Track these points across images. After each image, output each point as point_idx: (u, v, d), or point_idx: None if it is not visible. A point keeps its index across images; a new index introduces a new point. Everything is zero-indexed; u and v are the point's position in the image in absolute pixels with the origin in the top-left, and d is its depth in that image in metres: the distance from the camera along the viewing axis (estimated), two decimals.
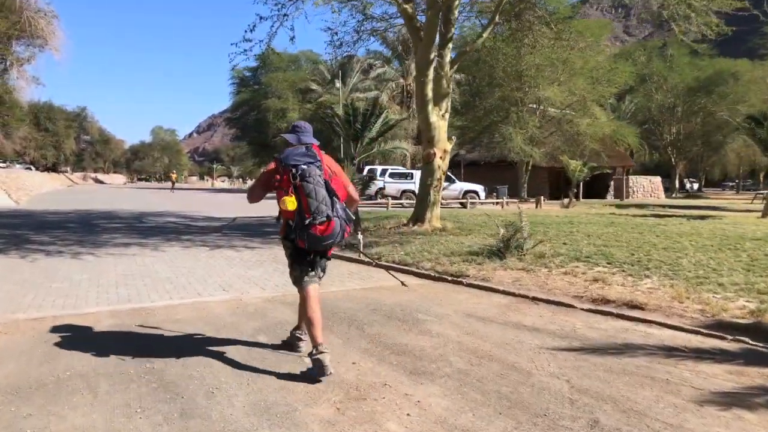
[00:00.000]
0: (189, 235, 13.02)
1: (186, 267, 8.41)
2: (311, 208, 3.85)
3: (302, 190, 3.86)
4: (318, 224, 3.87)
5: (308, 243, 3.94)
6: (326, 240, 3.96)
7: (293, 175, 3.87)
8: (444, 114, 12.70)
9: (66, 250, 10.23)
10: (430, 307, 5.84)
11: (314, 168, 3.93)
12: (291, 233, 3.99)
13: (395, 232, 12.18)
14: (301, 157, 3.96)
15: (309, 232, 3.88)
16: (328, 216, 3.89)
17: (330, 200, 3.94)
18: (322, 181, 3.93)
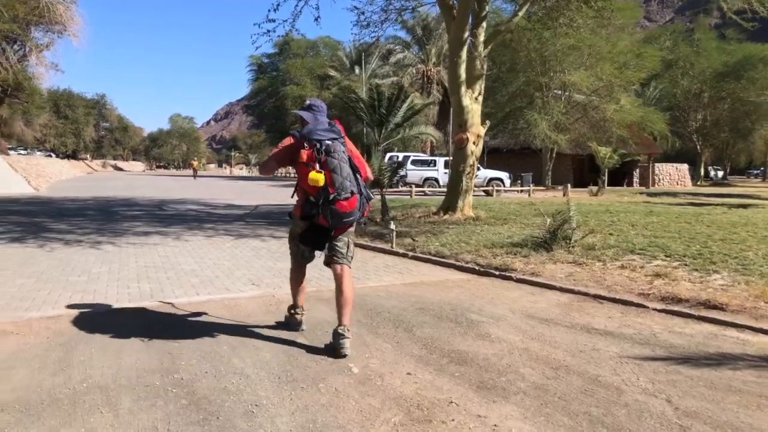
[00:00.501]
0: (211, 224, 12.56)
1: (211, 258, 7.91)
2: (335, 184, 3.82)
3: (327, 165, 3.83)
4: (342, 200, 3.85)
5: (331, 219, 3.91)
6: (348, 216, 3.94)
7: (318, 150, 3.84)
8: (477, 96, 12.06)
9: (85, 239, 9.79)
10: (483, 307, 5.27)
11: (338, 144, 3.92)
12: (312, 209, 3.93)
13: (426, 221, 11.61)
14: (325, 133, 3.93)
15: (332, 207, 3.85)
16: (352, 192, 3.88)
17: (354, 176, 3.93)
18: (346, 157, 3.92)
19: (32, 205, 17.28)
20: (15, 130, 56.72)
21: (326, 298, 5.51)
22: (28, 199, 19.88)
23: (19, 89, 37.71)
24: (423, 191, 25.97)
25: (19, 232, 10.64)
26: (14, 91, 37.11)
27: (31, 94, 49.46)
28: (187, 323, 4.69)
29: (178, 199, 21.07)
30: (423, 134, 18.76)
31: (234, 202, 19.93)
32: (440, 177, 27.23)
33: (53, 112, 68.42)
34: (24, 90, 38.34)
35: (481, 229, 10.07)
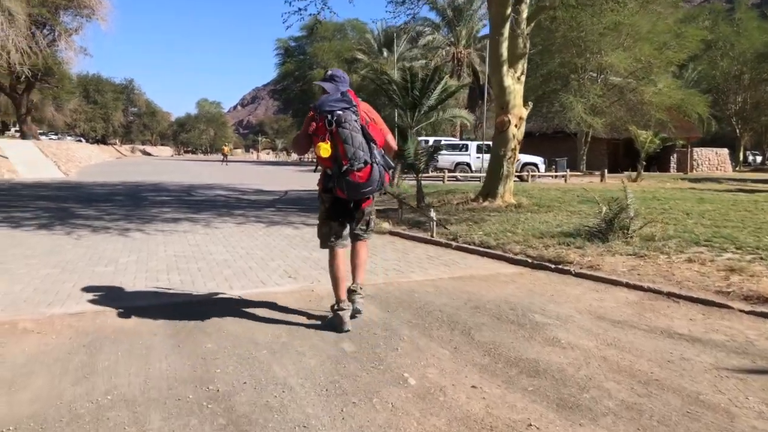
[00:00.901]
0: (241, 210, 12.19)
1: (243, 247, 7.50)
2: (348, 154, 3.79)
3: (338, 136, 3.80)
4: (356, 170, 3.81)
5: (347, 191, 3.88)
6: (365, 187, 3.88)
7: (329, 121, 3.79)
8: (519, 76, 11.44)
9: (113, 225, 9.48)
10: (545, 305, 4.76)
11: (350, 113, 3.85)
12: (329, 182, 3.94)
13: (464, 208, 11.07)
14: (336, 103, 3.87)
15: (347, 179, 3.82)
16: (365, 161, 3.82)
17: (367, 146, 3.87)
18: (358, 126, 3.86)
19: (62, 190, 17.15)
20: (46, 115, 57.25)
21: (371, 293, 5.05)
22: (58, 183, 19.81)
23: (49, 74, 37.82)
24: (455, 176, 25.37)
25: (47, 218, 10.39)
26: (44, 76, 37.23)
27: (61, 80, 49.80)
28: (222, 321, 4.27)
29: (207, 184, 20.82)
30: (457, 117, 18.12)
31: (263, 187, 19.60)
32: (472, 162, 26.57)
33: (83, 97, 68.95)
34: (54, 75, 38.46)
35: (526, 217, 9.51)
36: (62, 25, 34.37)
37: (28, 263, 6.29)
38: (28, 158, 26.11)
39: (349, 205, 4.08)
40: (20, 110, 36.89)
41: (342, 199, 4.02)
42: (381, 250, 7.35)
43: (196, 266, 6.27)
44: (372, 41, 51.55)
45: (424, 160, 11.57)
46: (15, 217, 10.46)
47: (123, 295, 4.98)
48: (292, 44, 57.58)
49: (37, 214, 10.89)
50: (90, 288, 5.20)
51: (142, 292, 5.10)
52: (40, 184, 19.08)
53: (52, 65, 35.37)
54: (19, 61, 29.94)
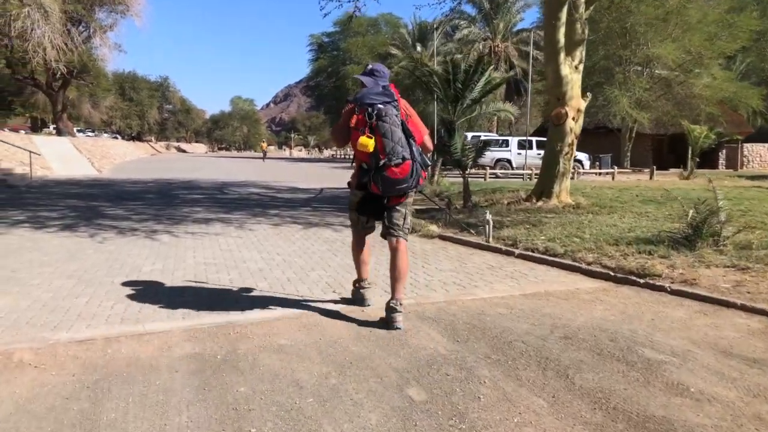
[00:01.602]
0: (276, 210, 11.48)
1: (280, 253, 6.75)
2: (386, 149, 3.73)
3: (378, 130, 3.73)
4: (393, 166, 3.74)
5: (382, 186, 3.82)
6: (401, 183, 3.81)
7: (369, 114, 3.72)
8: (578, 65, 10.48)
9: (140, 227, 8.84)
10: (651, 335, 3.87)
11: (391, 107, 3.79)
12: (364, 177, 3.87)
13: (516, 208, 10.17)
14: (377, 96, 3.81)
15: (383, 174, 3.75)
16: (403, 157, 3.75)
17: (406, 141, 3.80)
18: (398, 121, 3.79)
19: (93, 187, 16.72)
20: (83, 113, 57.67)
21: (432, 315, 4.25)
22: (91, 181, 19.45)
23: (85, 71, 37.85)
24: (494, 174, 24.40)
25: (73, 218, 9.82)
26: (80, 73, 37.27)
27: (98, 77, 50.05)
28: (256, 352, 3.51)
29: (240, 181, 20.24)
30: (501, 111, 17.17)
31: (297, 185, 18.94)
32: (513, 158, 25.57)
33: (119, 94, 69.52)
34: (89, 72, 38.48)
35: (588, 220, 8.58)
36: (97, 22, 34.28)
37: (42, 272, 5.64)
38: (62, 155, 25.94)
39: (383, 200, 3.98)
40: (56, 107, 36.97)
41: (374, 195, 3.95)
42: (434, 258, 6.52)
43: (228, 277, 5.53)
44: (406, 36, 50.74)
45: (472, 156, 10.70)
46: (41, 217, 9.91)
47: (142, 315, 4.24)
48: (326, 40, 57.05)
49: (63, 214, 10.34)
50: (105, 305, 4.48)
51: (165, 311, 4.36)
52: (72, 182, 18.73)
53: (87, 62, 35.31)
54: (55, 57, 29.91)
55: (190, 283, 5.24)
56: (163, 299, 4.67)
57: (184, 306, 4.48)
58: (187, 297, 4.76)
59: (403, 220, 4.08)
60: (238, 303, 4.58)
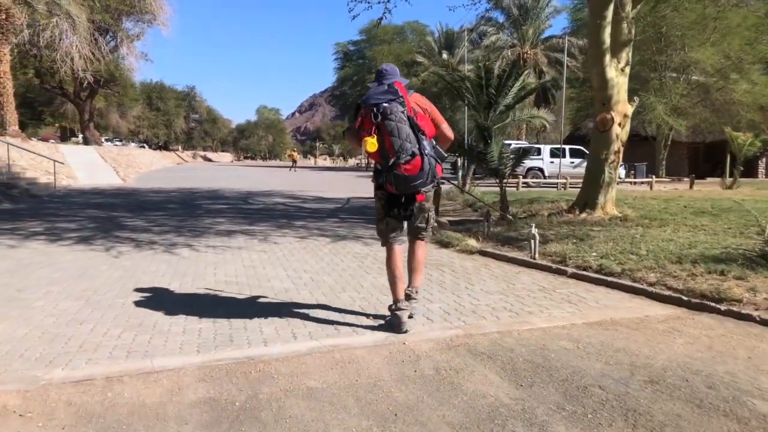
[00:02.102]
0: (302, 221, 10.96)
1: (307, 270, 6.20)
2: (395, 147, 3.67)
3: (384, 128, 3.69)
4: (403, 163, 3.69)
5: (396, 185, 3.78)
6: (415, 180, 3.74)
7: (374, 114, 3.68)
8: (624, 67, 9.81)
9: (159, 240, 8.37)
10: (755, 379, 3.20)
11: (396, 105, 3.72)
12: (380, 177, 3.85)
13: (558, 221, 9.49)
14: (381, 95, 3.77)
15: (395, 172, 3.71)
16: (413, 153, 3.69)
17: (415, 137, 3.73)
18: (405, 117, 3.72)
19: (116, 197, 16.42)
20: (111, 122, 58.25)
21: (486, 350, 3.64)
22: (114, 190, 19.19)
23: (112, 80, 38.00)
24: (526, 183, 23.67)
25: (91, 229, 9.41)
26: (107, 82, 37.42)
27: (125, 87, 50.43)
28: (282, 397, 2.94)
29: (265, 191, 19.82)
30: (535, 118, 16.47)
31: (323, 194, 18.45)
32: (546, 167, 24.80)
33: (146, 104, 70.20)
34: (116, 81, 38.64)
35: (641, 234, 7.88)
36: (124, 31, 34.36)
37: (49, 291, 5.16)
38: (88, 164, 25.86)
39: (401, 199, 3.91)
40: (83, 117, 37.15)
41: (395, 195, 3.90)
42: (477, 277, 5.90)
43: (250, 298, 4.99)
44: (432, 43, 50.29)
45: (510, 165, 10.06)
46: (58, 228, 9.52)
47: (151, 346, 3.71)
48: (351, 48, 56.77)
49: (82, 225, 9.95)
50: (112, 333, 3.96)
51: (178, 340, 3.82)
52: (95, 191, 18.49)
53: (114, 71, 35.42)
54: (83, 67, 29.98)
55: (208, 306, 4.70)
56: (176, 326, 4.13)
57: (199, 335, 3.94)
58: (204, 323, 4.22)
59: (426, 222, 4.16)
60: (261, 332, 4.02)
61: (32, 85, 39.94)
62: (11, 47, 30.20)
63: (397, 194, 3.89)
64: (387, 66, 4.09)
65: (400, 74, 4.07)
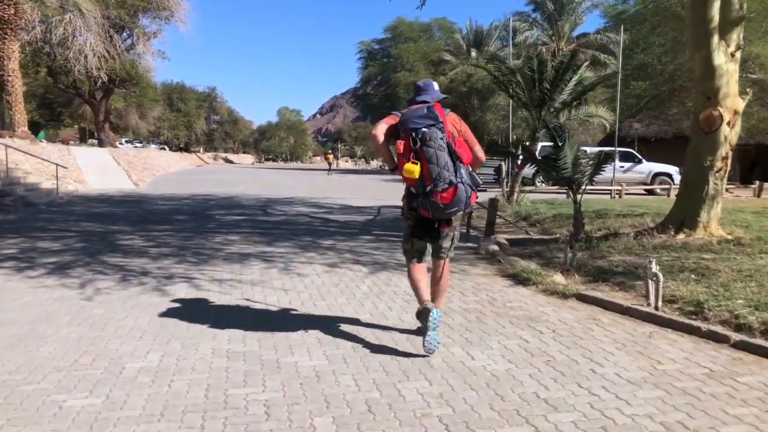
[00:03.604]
0: (329, 239, 9.16)
1: (345, 329, 4.37)
2: (432, 175, 3.61)
3: (422, 155, 3.63)
4: (440, 191, 3.62)
5: (432, 211, 3.71)
6: (450, 208, 3.69)
7: (413, 140, 3.64)
8: (734, 52, 7.87)
9: (154, 269, 6.62)
10: None
11: (435, 131, 3.67)
12: (413, 201, 3.78)
13: (651, 243, 7.55)
14: (421, 120, 3.70)
15: (431, 199, 3.65)
16: (450, 182, 3.63)
17: (453, 165, 3.66)
18: (444, 144, 3.67)
19: (121, 204, 14.79)
20: (130, 123, 57.13)
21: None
22: (122, 196, 17.58)
23: (128, 80, 36.59)
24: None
25: (75, 252, 7.72)
26: (123, 82, 36.03)
27: (145, 87, 49.20)
28: None
29: (286, 198, 18.05)
30: (593, 117, 14.50)
31: (349, 201, 16.63)
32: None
33: (166, 104, 69.18)
34: (133, 80, 37.24)
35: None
36: (141, 28, 32.98)
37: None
38: (99, 167, 24.41)
39: (434, 224, 3.86)
40: (98, 117, 35.81)
41: (427, 218, 3.81)
42: (595, 346, 4.00)
43: (263, 397, 3.16)
44: (460, 41, 48.34)
45: (588, 174, 8.15)
46: (37, 250, 7.85)
47: None
48: (376, 47, 54.97)
49: (67, 245, 8.26)
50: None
51: None
52: (102, 197, 16.91)
53: (129, 70, 34.03)
54: (97, 65, 28.60)
55: (194, 415, 2.90)
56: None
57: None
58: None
59: (451, 243, 4.05)
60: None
61: (50, 86, 38.81)
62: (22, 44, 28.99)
63: (430, 219, 3.81)
64: (424, 82, 4.13)
65: (438, 88, 4.11)
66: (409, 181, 3.72)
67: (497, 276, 6.31)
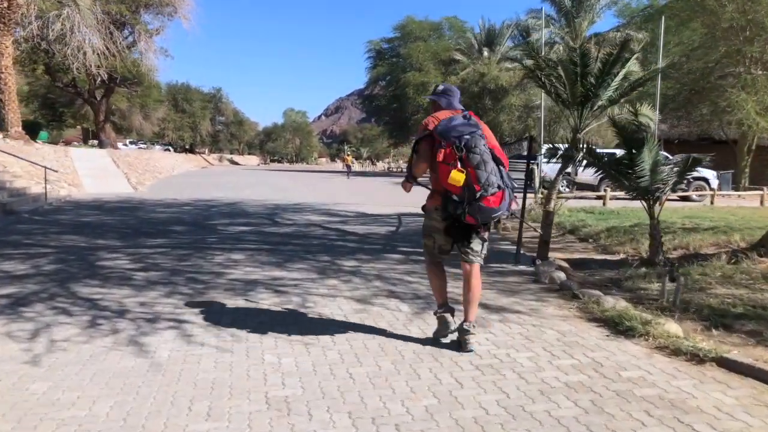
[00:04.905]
0: (350, 258, 7.68)
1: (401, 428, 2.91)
2: (480, 180, 3.64)
3: (469, 162, 3.66)
4: (489, 195, 3.66)
5: (480, 217, 3.72)
6: (496, 212, 3.74)
7: (458, 147, 3.66)
8: None
9: (134, 306, 5.16)
10: None
11: (478, 137, 3.72)
12: (457, 209, 3.71)
13: (751, 271, 6.06)
14: (463, 128, 3.73)
15: (480, 204, 3.66)
16: (498, 186, 3.69)
17: (498, 170, 3.74)
18: (487, 150, 3.74)
19: (114, 212, 13.35)
20: (134, 124, 55.85)
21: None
22: (118, 201, 16.14)
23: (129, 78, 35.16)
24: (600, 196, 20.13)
25: (42, 277, 6.28)
26: (124, 80, 34.62)
27: (149, 87, 47.86)
28: None
29: (294, 204, 16.58)
30: (640, 116, 13.08)
31: (363, 208, 15.16)
32: None
33: (171, 105, 67.91)
34: (135, 79, 35.83)
35: None
36: (143, 25, 31.61)
37: None
38: (97, 170, 23.03)
39: (474, 228, 3.86)
40: (98, 117, 34.44)
41: (465, 224, 3.80)
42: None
43: None
44: (472, 40, 46.85)
45: (672, 182, 6.65)
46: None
47: None
48: (385, 46, 53.46)
49: (35, 268, 6.82)
50: None
51: None
52: (96, 203, 15.50)
53: (131, 68, 32.65)
54: (96, 63, 27.24)
55: None
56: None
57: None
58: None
59: (482, 247, 3.99)
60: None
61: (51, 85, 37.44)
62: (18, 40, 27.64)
63: (475, 224, 3.81)
64: (450, 87, 4.16)
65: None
66: (453, 189, 3.68)
67: (582, 319, 4.82)
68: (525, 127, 36.59)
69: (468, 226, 3.83)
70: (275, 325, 4.64)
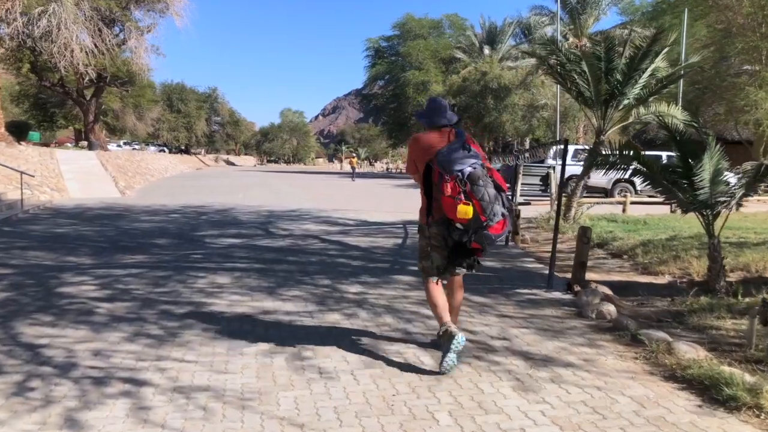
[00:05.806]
0: (354, 281, 6.60)
1: None
2: (486, 211, 3.61)
3: (474, 195, 3.61)
4: (494, 224, 3.64)
5: (485, 242, 3.72)
6: (500, 237, 3.76)
7: (461, 181, 3.63)
8: None
9: (86, 356, 4.09)
10: None
11: (479, 168, 3.68)
12: (463, 237, 3.73)
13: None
14: (463, 160, 3.68)
15: (486, 233, 3.65)
16: (502, 214, 3.69)
17: (500, 197, 3.71)
18: (489, 179, 3.70)
19: (94, 221, 12.26)
20: (127, 124, 54.65)
21: None
22: (101, 208, 15.03)
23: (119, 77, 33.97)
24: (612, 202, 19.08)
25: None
26: (114, 79, 33.45)
27: (143, 87, 46.70)
28: None
29: (291, 210, 15.49)
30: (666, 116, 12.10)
31: (364, 215, 14.09)
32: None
33: (166, 105, 66.69)
34: (124, 77, 34.63)
35: None
36: (134, 22, 30.47)
37: None
38: (83, 173, 21.91)
39: (476, 251, 3.86)
40: (87, 117, 33.22)
41: (467, 249, 3.79)
42: None
43: None
44: (473, 38, 45.85)
45: (741, 194, 5.61)
46: None
47: None
48: (383, 44, 52.34)
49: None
50: None
51: None
52: (76, 210, 14.40)
53: (121, 66, 31.49)
54: (84, 61, 26.14)
55: None
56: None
57: None
58: None
59: (475, 261, 3.99)
60: None
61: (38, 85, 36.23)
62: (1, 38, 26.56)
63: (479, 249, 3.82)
64: (440, 102, 4.04)
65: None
66: (461, 221, 3.66)
67: (656, 376, 3.76)
68: (529, 128, 35.56)
69: (472, 249, 3.83)
70: (260, 390, 3.57)
